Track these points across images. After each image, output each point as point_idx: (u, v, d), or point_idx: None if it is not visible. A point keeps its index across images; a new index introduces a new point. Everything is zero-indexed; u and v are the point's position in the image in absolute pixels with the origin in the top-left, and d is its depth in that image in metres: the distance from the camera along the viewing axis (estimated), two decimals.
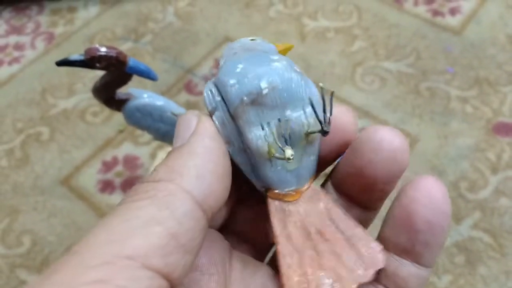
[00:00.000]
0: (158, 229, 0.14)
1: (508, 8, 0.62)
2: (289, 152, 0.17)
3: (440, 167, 0.49)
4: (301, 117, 0.17)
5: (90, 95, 0.39)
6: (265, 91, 0.17)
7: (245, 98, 0.17)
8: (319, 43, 0.61)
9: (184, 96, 0.57)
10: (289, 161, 0.17)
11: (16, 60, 0.64)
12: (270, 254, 0.20)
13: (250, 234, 0.20)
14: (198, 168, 0.15)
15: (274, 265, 0.19)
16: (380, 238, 0.18)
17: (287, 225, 0.18)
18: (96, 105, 0.57)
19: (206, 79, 0.59)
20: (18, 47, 0.65)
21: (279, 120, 0.17)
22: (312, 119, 0.17)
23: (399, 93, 0.55)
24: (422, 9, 0.64)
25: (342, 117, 0.18)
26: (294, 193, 0.18)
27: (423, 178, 0.17)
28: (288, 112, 0.17)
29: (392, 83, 0.56)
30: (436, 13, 0.63)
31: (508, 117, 0.52)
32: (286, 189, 0.18)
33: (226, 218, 0.20)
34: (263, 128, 0.17)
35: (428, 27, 0.61)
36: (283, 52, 0.20)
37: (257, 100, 0.17)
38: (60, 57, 0.34)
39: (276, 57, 0.17)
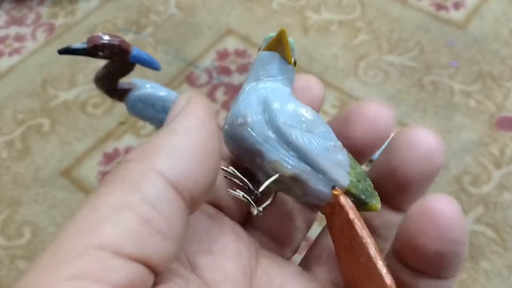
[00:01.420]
0: (128, 215, 0.12)
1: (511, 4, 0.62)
2: (254, 211, 0.17)
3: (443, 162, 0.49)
4: (264, 166, 0.17)
5: (91, 86, 0.38)
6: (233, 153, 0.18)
7: None
8: (322, 36, 0.61)
9: (185, 89, 0.57)
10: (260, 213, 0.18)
11: (16, 51, 0.63)
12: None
13: (279, 234, 0.19)
14: (172, 147, 0.14)
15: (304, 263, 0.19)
16: (394, 251, 0.16)
17: (335, 230, 0.18)
18: (97, 97, 0.56)
19: (208, 71, 0.58)
20: (19, 38, 0.65)
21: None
22: (270, 167, 0.17)
23: (402, 87, 0.55)
24: (425, 3, 0.63)
25: (377, 111, 0.17)
26: (324, 206, 0.18)
27: (434, 200, 0.15)
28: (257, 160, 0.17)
29: (395, 76, 0.56)
30: (439, 7, 0.63)
31: (511, 111, 0.52)
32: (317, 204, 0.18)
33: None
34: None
35: (431, 21, 0.61)
36: (275, 46, 0.18)
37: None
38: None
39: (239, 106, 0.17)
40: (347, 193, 0.17)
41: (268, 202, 0.18)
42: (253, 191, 0.17)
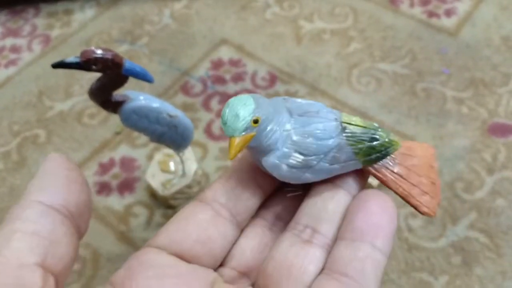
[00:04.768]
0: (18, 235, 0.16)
1: (503, 10, 0.63)
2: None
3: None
4: None
5: (86, 97, 0.39)
6: None
7: None
8: (315, 45, 0.61)
9: (180, 98, 0.57)
10: None
11: (12, 62, 0.64)
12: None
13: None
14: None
15: None
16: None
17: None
18: (93, 107, 0.57)
19: (202, 81, 0.59)
20: (15, 49, 0.65)
21: None
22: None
23: (395, 94, 0.55)
24: (417, 11, 0.64)
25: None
26: None
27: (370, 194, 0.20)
28: None
29: (388, 84, 0.56)
30: (431, 14, 0.63)
31: (504, 117, 0.53)
32: None
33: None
34: None
35: (423, 29, 0.62)
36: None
37: None
38: (56, 59, 0.34)
39: None
40: (369, 164, 0.20)
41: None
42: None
